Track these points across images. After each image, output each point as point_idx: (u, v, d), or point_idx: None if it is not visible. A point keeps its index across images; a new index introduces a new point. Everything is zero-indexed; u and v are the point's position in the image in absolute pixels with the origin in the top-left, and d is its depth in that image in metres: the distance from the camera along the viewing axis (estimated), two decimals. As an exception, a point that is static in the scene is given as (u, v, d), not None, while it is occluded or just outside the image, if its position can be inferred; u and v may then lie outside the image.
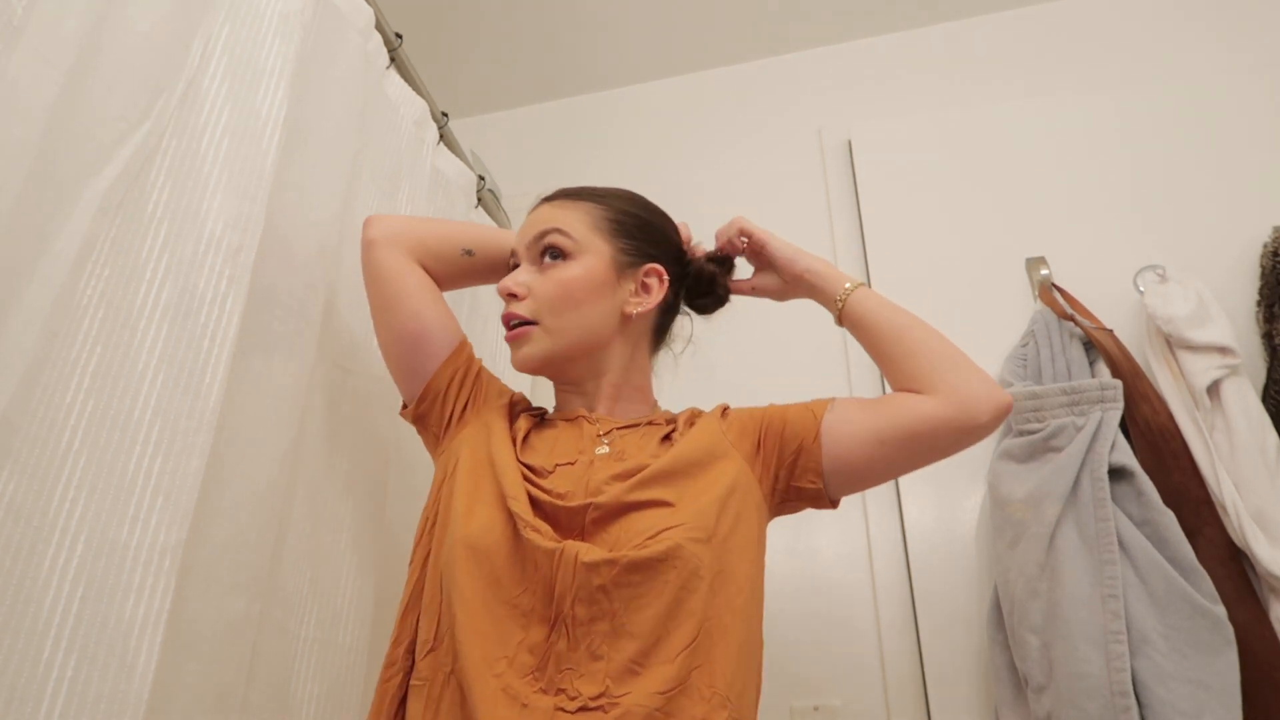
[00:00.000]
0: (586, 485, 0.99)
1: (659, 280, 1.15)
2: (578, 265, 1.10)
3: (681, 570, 0.89)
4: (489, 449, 1.05)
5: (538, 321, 1.09)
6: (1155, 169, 1.99)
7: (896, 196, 2.15)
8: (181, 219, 1.00)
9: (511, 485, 0.97)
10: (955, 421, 1.02)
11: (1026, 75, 2.28)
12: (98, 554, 0.84)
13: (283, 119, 1.13)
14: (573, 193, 1.18)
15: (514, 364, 1.12)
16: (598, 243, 1.12)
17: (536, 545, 0.91)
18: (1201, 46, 2.17)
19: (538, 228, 1.13)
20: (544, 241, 1.11)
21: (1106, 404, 1.59)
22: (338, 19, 1.35)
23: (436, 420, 1.15)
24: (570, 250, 1.11)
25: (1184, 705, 1.34)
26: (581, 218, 1.13)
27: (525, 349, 1.10)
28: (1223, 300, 1.70)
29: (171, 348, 0.94)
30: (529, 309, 1.09)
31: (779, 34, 2.52)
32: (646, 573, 0.89)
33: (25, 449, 0.82)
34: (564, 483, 1.00)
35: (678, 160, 2.49)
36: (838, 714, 1.72)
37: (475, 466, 1.03)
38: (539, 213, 1.17)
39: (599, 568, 0.88)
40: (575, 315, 1.10)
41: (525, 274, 1.12)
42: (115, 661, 0.82)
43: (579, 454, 1.06)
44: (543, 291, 1.10)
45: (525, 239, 1.14)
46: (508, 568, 0.93)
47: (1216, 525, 1.52)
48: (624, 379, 1.16)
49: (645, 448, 1.06)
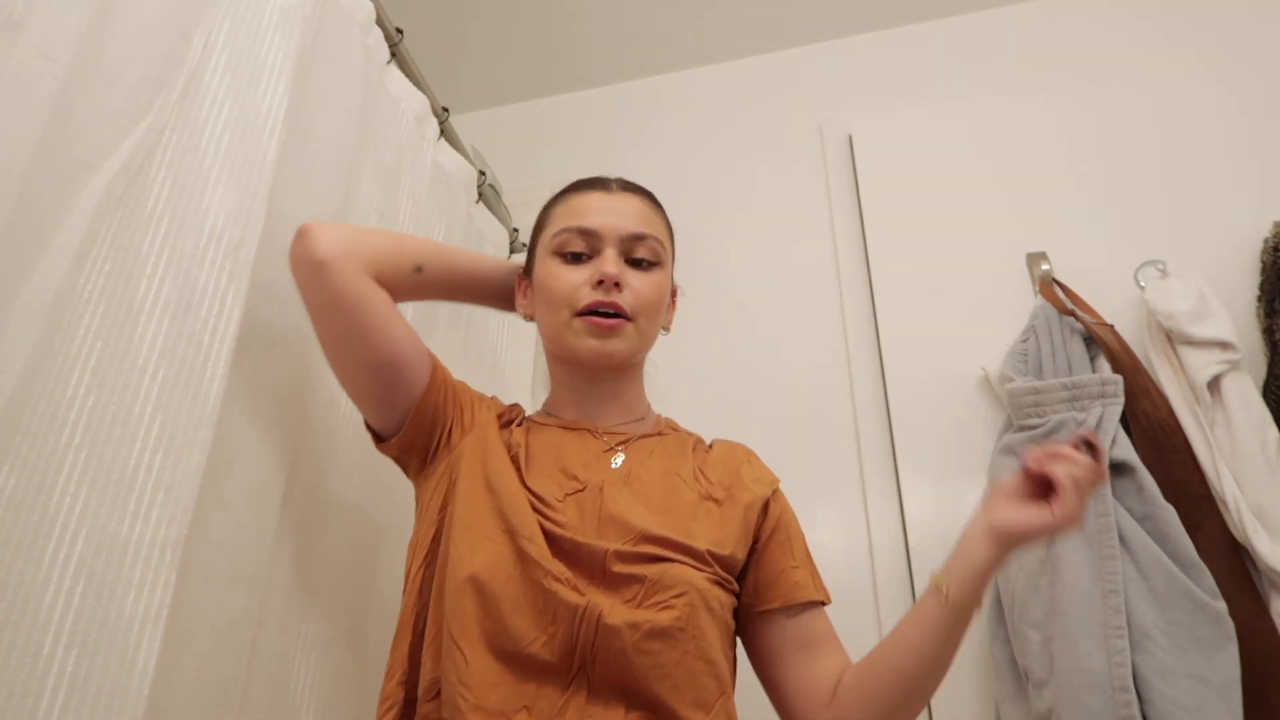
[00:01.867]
0: (599, 514, 0.97)
1: (672, 299, 1.19)
2: (664, 274, 1.13)
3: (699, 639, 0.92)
4: (486, 473, 1.01)
5: (634, 319, 1.08)
6: (1156, 164, 1.99)
7: (897, 191, 2.14)
8: (182, 214, 1.00)
9: (523, 522, 0.94)
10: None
11: (1028, 70, 2.27)
12: (98, 549, 0.84)
13: (283, 114, 1.13)
14: (652, 196, 1.18)
15: (593, 352, 1.07)
16: (669, 257, 1.16)
17: (561, 599, 0.89)
18: (1203, 41, 2.17)
19: (636, 224, 1.11)
20: (646, 245, 1.11)
21: (1107, 399, 1.58)
22: (338, 14, 1.35)
23: (421, 450, 1.10)
24: (662, 261, 1.13)
25: (1185, 700, 1.34)
26: (665, 227, 1.16)
27: (618, 343, 1.07)
28: (1223, 295, 1.70)
29: (172, 343, 0.94)
30: (629, 305, 1.07)
31: (780, 29, 2.52)
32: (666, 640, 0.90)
33: (26, 444, 0.82)
34: (576, 514, 0.98)
35: (679, 155, 2.49)
36: (838, 709, 1.72)
37: (474, 494, 0.99)
38: (630, 204, 1.14)
39: (621, 631, 0.88)
40: (655, 324, 1.12)
41: (621, 265, 1.09)
42: (115, 657, 0.82)
43: (588, 473, 1.03)
44: (644, 292, 1.08)
45: (620, 229, 1.10)
46: (519, 611, 0.90)
47: (1217, 520, 1.52)
48: (638, 395, 1.19)
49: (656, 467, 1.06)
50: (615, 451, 1.07)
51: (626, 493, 1.00)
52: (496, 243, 2.09)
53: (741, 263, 2.22)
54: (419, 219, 1.59)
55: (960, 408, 1.85)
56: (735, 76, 2.58)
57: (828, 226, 2.21)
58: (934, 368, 1.91)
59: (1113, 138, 2.05)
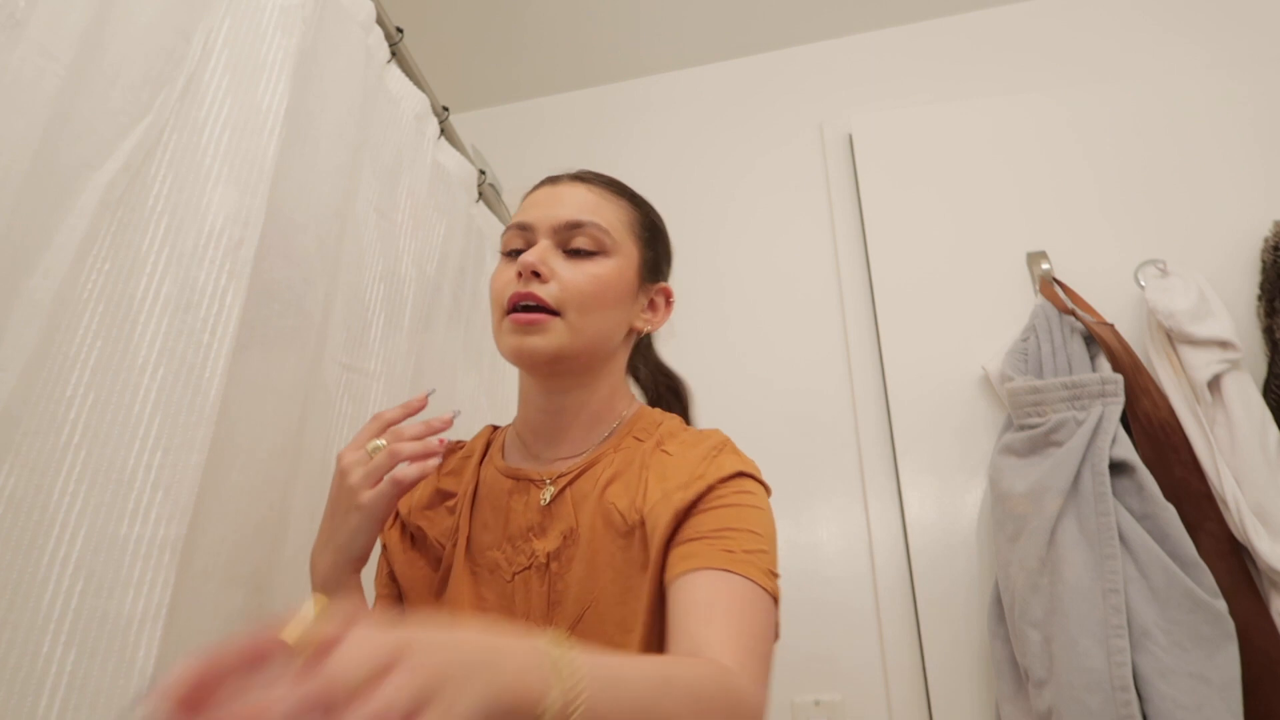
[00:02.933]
0: (548, 596, 0.94)
1: (666, 302, 1.09)
2: (611, 265, 1.00)
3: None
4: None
5: (561, 313, 0.96)
6: (1157, 163, 1.99)
7: (897, 191, 2.14)
8: (182, 213, 1.00)
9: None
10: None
11: (1028, 70, 2.27)
12: (97, 548, 0.84)
13: (284, 113, 1.13)
14: (609, 184, 1.07)
15: (512, 351, 0.98)
16: (630, 246, 1.03)
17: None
18: (1203, 40, 2.17)
19: (574, 213, 1.01)
20: (584, 233, 0.99)
21: (1107, 398, 1.59)
22: (339, 13, 1.35)
23: None
24: (608, 248, 1.00)
25: (1185, 699, 1.34)
26: (620, 215, 1.03)
27: (538, 340, 0.95)
28: (1223, 294, 1.70)
29: (172, 342, 0.94)
30: (554, 296, 0.96)
31: (780, 28, 2.52)
32: None
33: (25, 443, 0.82)
34: (524, 596, 0.95)
35: (679, 155, 2.49)
36: (838, 709, 1.72)
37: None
38: (574, 193, 1.04)
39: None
40: (599, 317, 0.98)
41: (551, 256, 0.98)
42: (115, 656, 0.82)
43: (527, 545, 0.97)
44: (574, 283, 0.96)
45: (554, 218, 1.01)
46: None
47: (1217, 519, 1.52)
48: (606, 404, 1.05)
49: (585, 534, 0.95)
50: (551, 515, 0.98)
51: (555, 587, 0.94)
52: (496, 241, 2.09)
53: (741, 261, 2.22)
54: (419, 218, 1.59)
55: (960, 407, 1.85)
56: (735, 75, 2.58)
57: (828, 226, 2.21)
58: (934, 367, 1.91)
59: (1112, 137, 2.05)
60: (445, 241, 1.70)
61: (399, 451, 0.87)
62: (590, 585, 0.92)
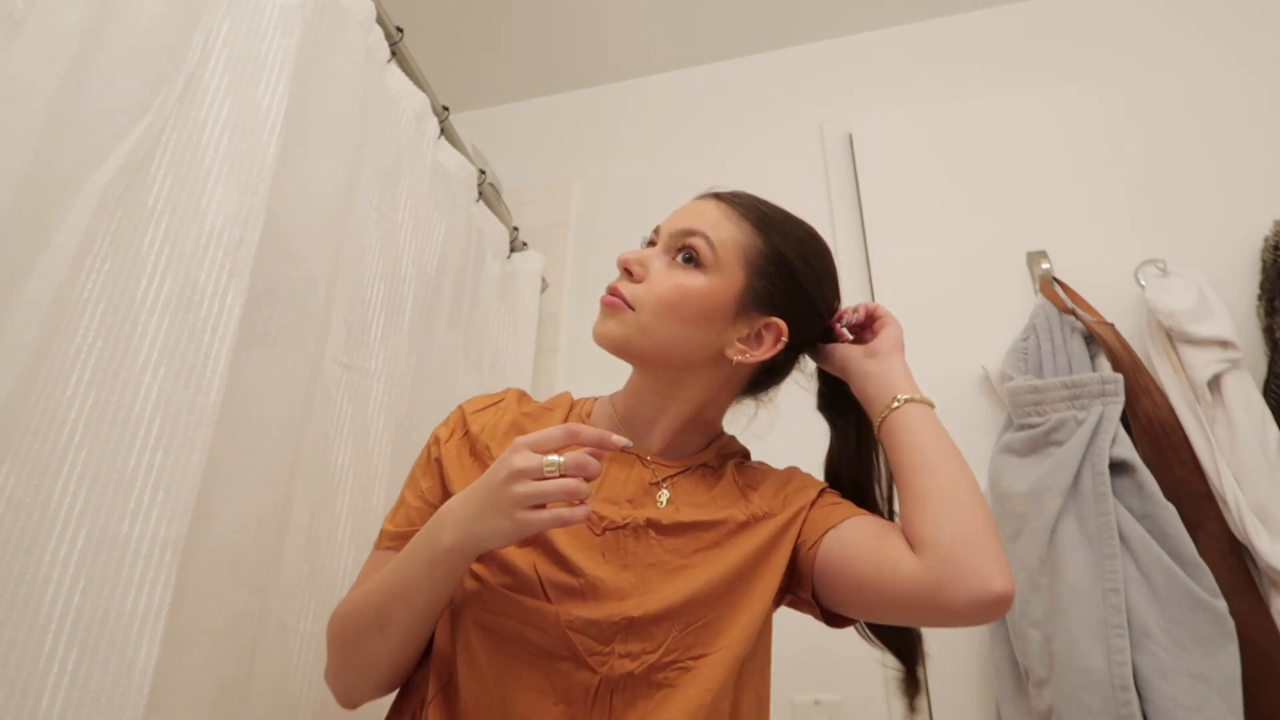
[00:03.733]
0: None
1: (776, 338, 1.01)
2: (703, 281, 0.99)
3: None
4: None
5: (635, 309, 0.98)
6: (1157, 162, 1.99)
7: (897, 190, 2.14)
8: (182, 213, 1.00)
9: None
10: (924, 600, 0.85)
11: (1028, 69, 2.27)
12: (98, 548, 0.84)
13: (283, 113, 1.13)
14: (744, 205, 1.04)
15: (594, 331, 1.01)
16: (735, 268, 0.99)
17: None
18: (1202, 40, 2.16)
19: (689, 221, 1.01)
20: (686, 240, 1.00)
21: (1107, 398, 1.58)
22: (339, 12, 1.35)
23: None
24: (707, 263, 0.99)
25: (1185, 699, 1.34)
26: (736, 236, 1.00)
27: (608, 325, 1.00)
28: (1223, 294, 1.70)
29: (172, 341, 0.94)
30: (634, 294, 0.99)
31: (780, 28, 2.52)
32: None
33: (26, 443, 0.82)
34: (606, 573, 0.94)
35: (680, 154, 2.49)
36: (838, 708, 1.72)
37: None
38: (705, 207, 1.04)
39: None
40: (673, 327, 0.98)
41: (655, 259, 1.02)
42: (116, 656, 0.82)
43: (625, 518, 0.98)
44: (657, 286, 0.99)
45: (674, 225, 1.03)
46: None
47: (1217, 519, 1.52)
48: (698, 413, 1.06)
49: (704, 513, 0.99)
50: (659, 489, 1.01)
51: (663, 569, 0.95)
52: (497, 241, 2.09)
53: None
54: (419, 218, 1.59)
55: (960, 406, 1.85)
56: (736, 75, 2.58)
57: (828, 225, 2.21)
58: (934, 366, 1.90)
59: (1113, 136, 2.05)
60: (445, 241, 1.70)
61: (576, 491, 0.82)
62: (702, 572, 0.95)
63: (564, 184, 2.56)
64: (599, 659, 0.88)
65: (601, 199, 2.52)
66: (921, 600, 0.85)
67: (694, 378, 1.03)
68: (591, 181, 2.56)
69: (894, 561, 0.88)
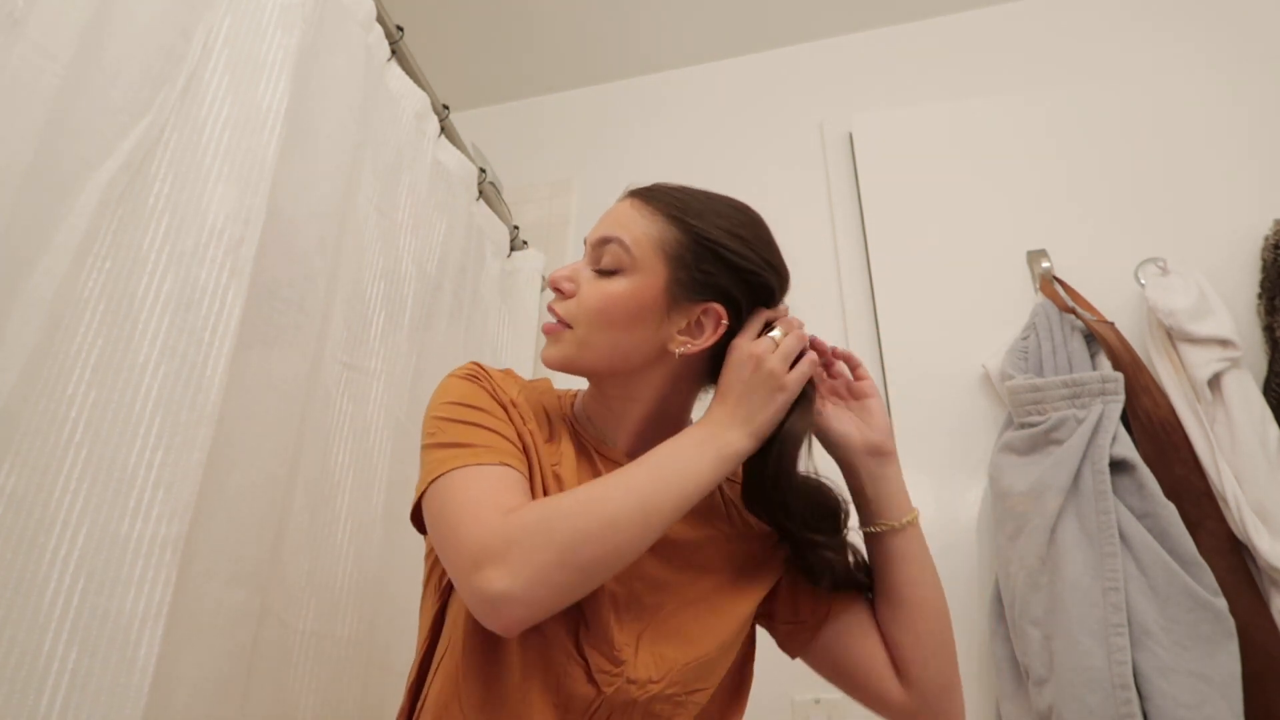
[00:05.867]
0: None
1: (715, 323, 0.98)
2: (625, 284, 0.97)
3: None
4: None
5: (572, 326, 0.98)
6: (1156, 161, 1.99)
7: (897, 189, 2.14)
8: (183, 211, 1.00)
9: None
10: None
11: (1028, 68, 2.27)
12: (99, 546, 0.84)
13: (284, 111, 1.13)
14: (657, 197, 1.02)
15: (541, 357, 1.02)
16: (656, 264, 0.97)
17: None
18: (1203, 39, 2.16)
19: (606, 229, 1.00)
20: (605, 249, 0.99)
21: (1108, 396, 1.58)
22: (339, 11, 1.35)
23: None
24: (625, 265, 0.97)
25: (1185, 698, 1.34)
26: (650, 231, 0.98)
27: (551, 348, 1.00)
28: (1223, 293, 1.70)
29: (173, 340, 0.94)
30: (568, 312, 0.99)
31: (780, 27, 2.52)
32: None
33: (27, 441, 0.82)
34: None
35: (680, 152, 2.49)
36: (838, 707, 1.72)
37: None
38: (620, 209, 1.03)
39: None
40: (609, 335, 0.98)
41: (583, 272, 1.00)
42: (116, 654, 0.82)
43: None
44: (586, 300, 0.98)
45: (594, 234, 1.02)
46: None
47: (1218, 518, 1.52)
48: (660, 410, 1.04)
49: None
50: None
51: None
52: (497, 240, 2.09)
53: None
54: (419, 216, 1.59)
55: (961, 405, 1.85)
56: (736, 74, 2.58)
57: (828, 224, 2.21)
58: (934, 365, 1.91)
59: (1113, 135, 2.05)
60: (445, 240, 1.70)
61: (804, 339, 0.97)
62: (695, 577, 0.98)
63: (564, 183, 2.56)
64: (606, 678, 0.89)
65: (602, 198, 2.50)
66: (894, 718, 0.98)
67: (644, 378, 1.02)
68: (592, 180, 2.56)
69: (881, 679, 0.98)
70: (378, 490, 1.35)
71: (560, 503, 0.83)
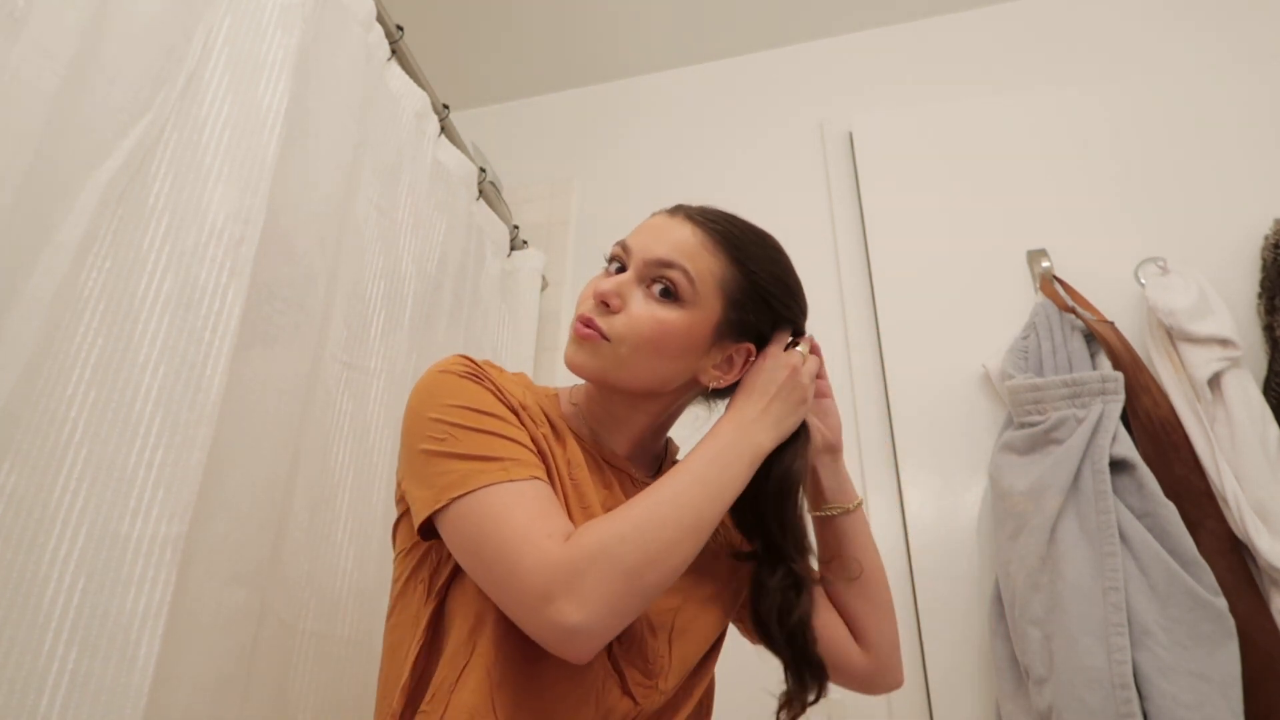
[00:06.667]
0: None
1: (745, 359, 1.01)
2: (683, 317, 0.95)
3: None
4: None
5: (611, 341, 0.94)
6: (1156, 161, 1.99)
7: (898, 189, 2.14)
8: (183, 211, 1.00)
9: None
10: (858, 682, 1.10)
11: (1029, 68, 2.27)
12: (99, 546, 0.84)
13: (284, 111, 1.13)
14: (719, 231, 0.99)
15: (565, 357, 0.98)
16: (714, 303, 0.97)
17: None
18: (1203, 39, 2.16)
19: (665, 250, 0.97)
20: (664, 273, 0.95)
21: (1107, 396, 1.59)
22: (339, 11, 1.35)
23: None
24: (686, 297, 0.95)
25: (1185, 697, 1.34)
26: (714, 268, 0.97)
27: (582, 356, 0.96)
28: (1224, 292, 1.70)
29: (173, 340, 0.94)
30: (612, 328, 0.95)
31: (781, 26, 2.52)
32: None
33: (27, 441, 0.82)
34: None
35: (680, 152, 2.49)
36: (838, 706, 1.72)
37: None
38: (679, 232, 0.99)
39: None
40: (653, 362, 0.96)
41: (631, 289, 0.96)
42: (116, 653, 0.82)
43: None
44: (639, 323, 0.94)
45: (649, 251, 0.97)
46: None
47: (1218, 517, 1.52)
48: (664, 422, 1.07)
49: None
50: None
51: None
52: (497, 240, 2.09)
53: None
54: (419, 216, 1.59)
55: (961, 405, 1.85)
56: (736, 73, 2.58)
57: (828, 223, 2.21)
58: (934, 365, 1.91)
59: (1113, 135, 2.05)
60: (445, 239, 1.70)
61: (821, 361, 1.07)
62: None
63: (564, 182, 2.57)
64: (642, 691, 0.91)
65: (602, 197, 2.52)
66: (856, 681, 1.10)
67: (664, 398, 1.03)
68: (592, 179, 2.56)
69: (845, 648, 1.09)
70: (378, 490, 1.35)
71: (617, 527, 0.82)
